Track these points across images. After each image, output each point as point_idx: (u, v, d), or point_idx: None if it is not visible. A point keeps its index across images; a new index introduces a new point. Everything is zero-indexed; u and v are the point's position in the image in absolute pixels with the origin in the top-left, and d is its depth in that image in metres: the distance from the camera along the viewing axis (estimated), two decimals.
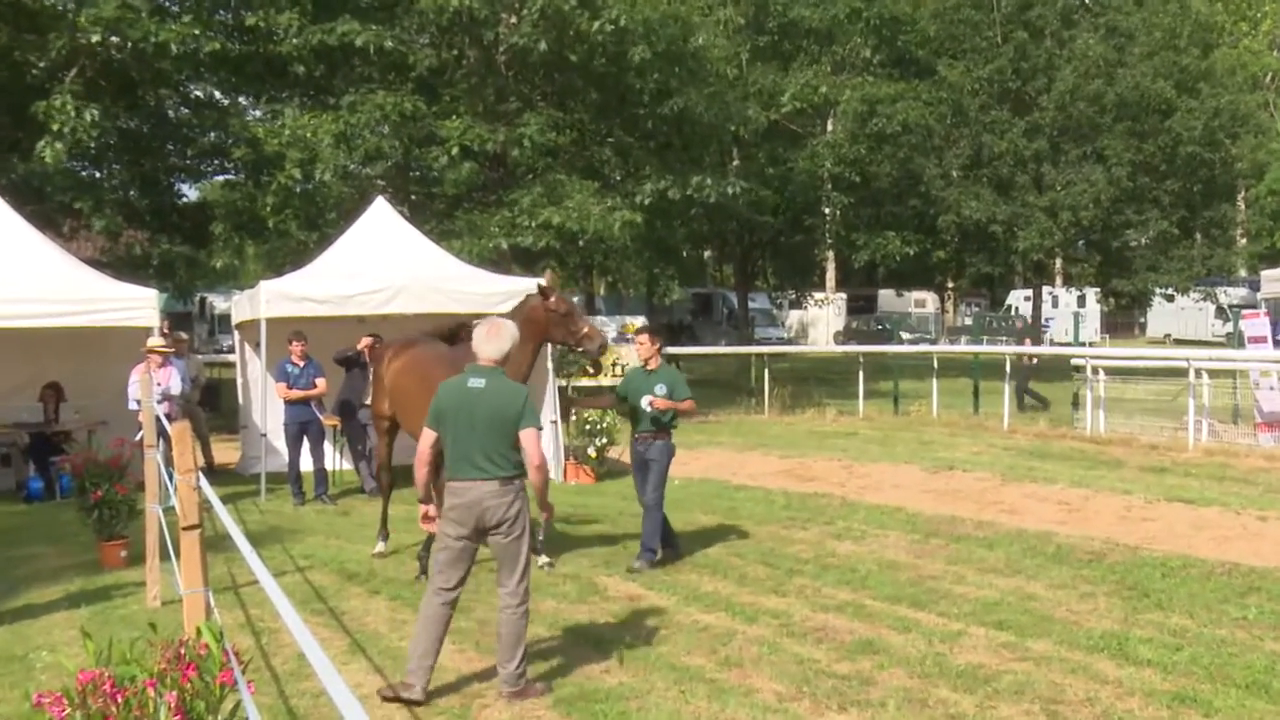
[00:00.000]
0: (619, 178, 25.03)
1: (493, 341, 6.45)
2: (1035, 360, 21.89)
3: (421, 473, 6.60)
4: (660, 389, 9.61)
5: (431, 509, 6.65)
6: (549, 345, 10.94)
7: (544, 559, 9.58)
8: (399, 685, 6.30)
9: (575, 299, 59.06)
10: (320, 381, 13.70)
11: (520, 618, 6.34)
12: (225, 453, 16.74)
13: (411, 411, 9.31)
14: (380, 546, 10.32)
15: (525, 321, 8.86)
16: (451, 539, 6.34)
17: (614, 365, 20.10)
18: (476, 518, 6.25)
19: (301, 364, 13.61)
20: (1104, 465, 14.86)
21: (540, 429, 6.43)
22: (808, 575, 9.20)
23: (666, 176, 22.11)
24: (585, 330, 9.24)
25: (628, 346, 19.46)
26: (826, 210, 34.05)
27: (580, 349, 9.38)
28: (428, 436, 6.47)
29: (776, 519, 11.67)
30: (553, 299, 9.18)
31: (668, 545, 9.83)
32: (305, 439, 13.72)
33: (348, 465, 14.98)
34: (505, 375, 6.48)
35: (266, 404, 14.44)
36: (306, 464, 13.74)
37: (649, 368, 9.77)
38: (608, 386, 17.54)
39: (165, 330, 14.18)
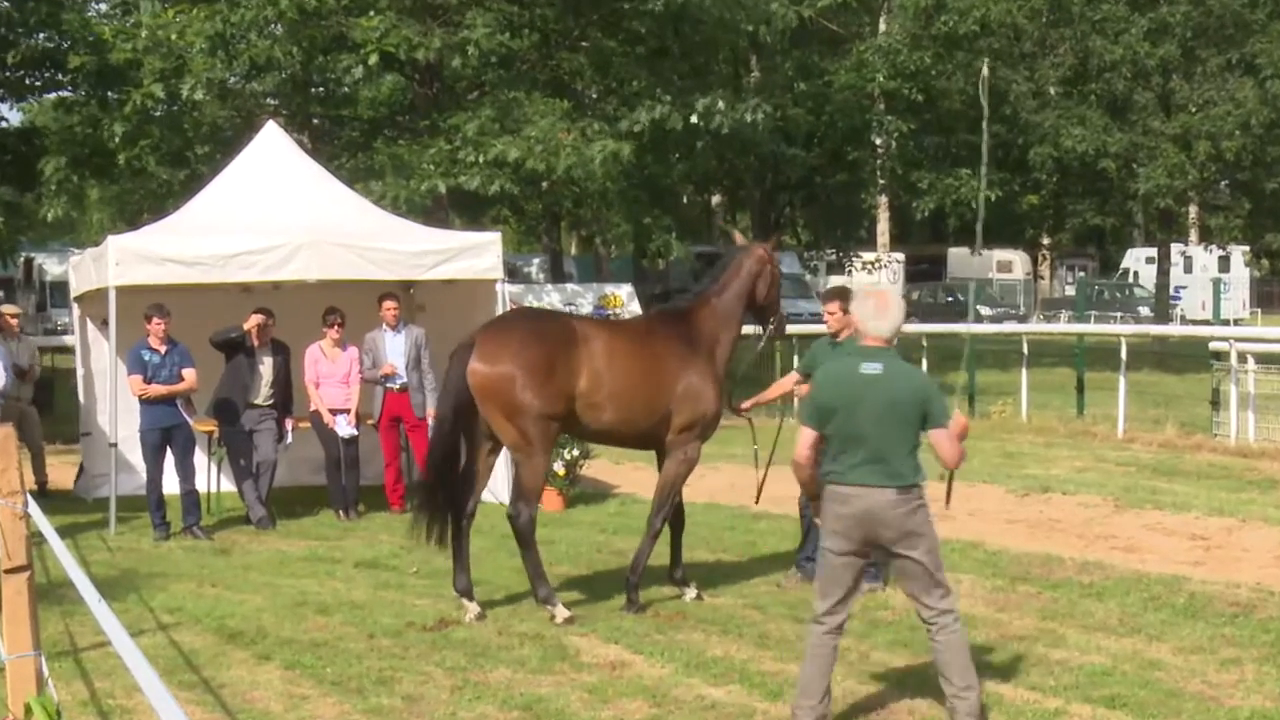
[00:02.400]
0: (595, 95, 24.99)
1: (885, 316, 7.06)
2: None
3: (808, 472, 7.18)
4: None
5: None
6: None
7: (691, 591, 10.26)
8: None
9: (535, 260, 58.73)
10: (189, 373, 13.65)
11: (956, 632, 6.96)
12: (62, 470, 16.69)
13: (619, 401, 9.84)
14: (471, 610, 9.75)
15: (751, 274, 10.17)
16: (833, 554, 6.98)
17: None
18: (866, 531, 6.89)
19: (164, 349, 13.57)
20: (1254, 486, 14.93)
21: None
22: (851, 634, 9.19)
23: (662, 98, 21.97)
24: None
25: None
26: (878, 140, 34.06)
27: (773, 322, 10.40)
28: (808, 436, 7.07)
29: None
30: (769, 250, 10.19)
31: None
32: (169, 450, 13.69)
33: (228, 485, 14.95)
34: (899, 357, 7.03)
35: (117, 403, 14.40)
36: (171, 484, 13.72)
37: (839, 340, 10.31)
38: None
39: None
